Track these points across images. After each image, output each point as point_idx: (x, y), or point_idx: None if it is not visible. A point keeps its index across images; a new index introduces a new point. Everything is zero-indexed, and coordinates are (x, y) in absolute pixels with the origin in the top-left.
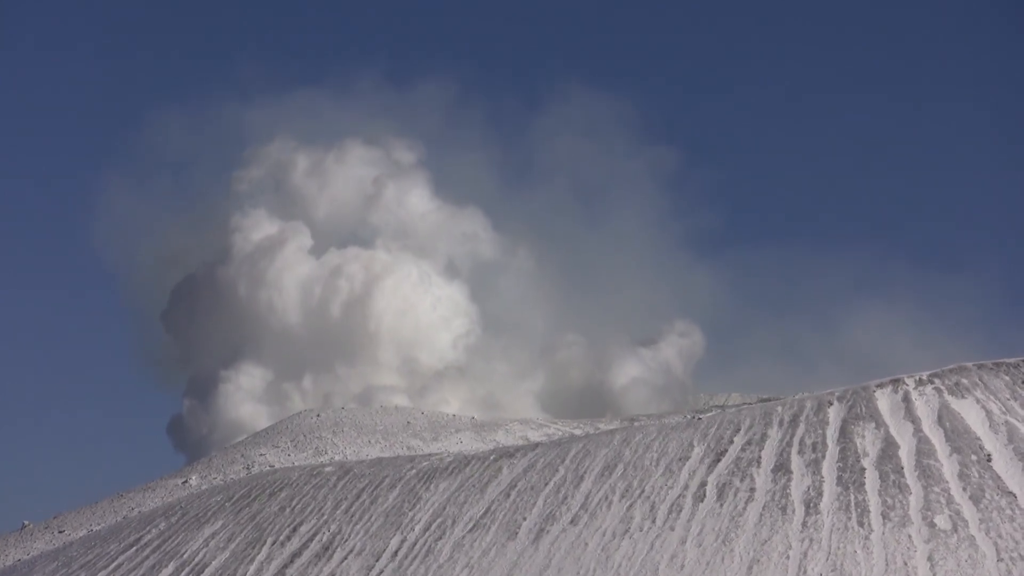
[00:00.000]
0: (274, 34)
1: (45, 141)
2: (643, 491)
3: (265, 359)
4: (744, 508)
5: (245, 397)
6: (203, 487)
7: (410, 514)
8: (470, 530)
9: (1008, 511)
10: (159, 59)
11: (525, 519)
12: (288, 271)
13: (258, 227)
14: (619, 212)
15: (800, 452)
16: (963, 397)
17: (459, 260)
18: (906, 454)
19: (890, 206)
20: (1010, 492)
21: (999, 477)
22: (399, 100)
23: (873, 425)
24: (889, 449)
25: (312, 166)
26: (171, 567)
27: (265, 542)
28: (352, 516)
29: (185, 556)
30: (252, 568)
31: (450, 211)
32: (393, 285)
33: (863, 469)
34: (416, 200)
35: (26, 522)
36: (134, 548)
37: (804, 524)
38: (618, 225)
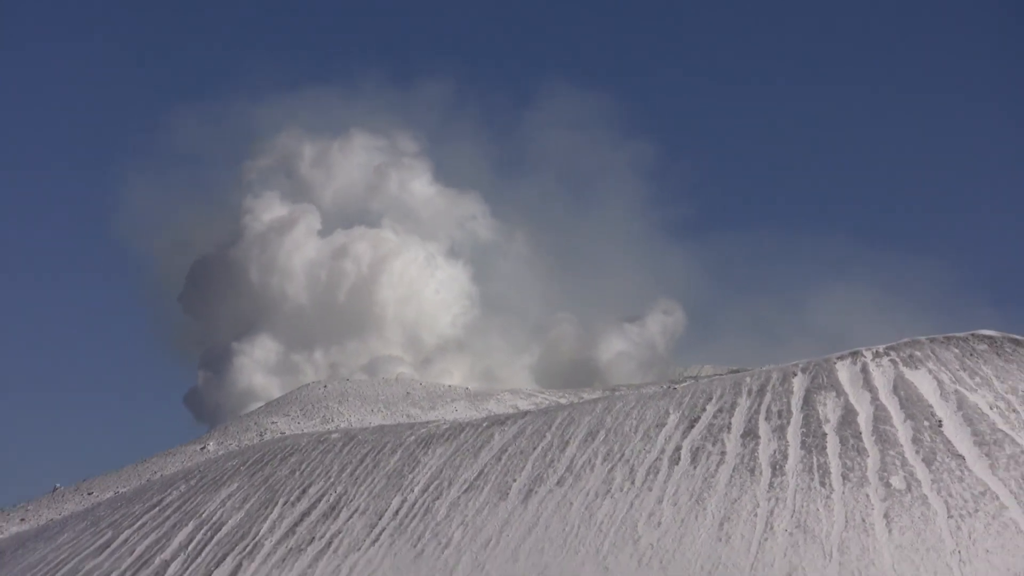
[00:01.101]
0: (282, 35)
1: (70, 137)
2: (623, 455)
3: (276, 333)
4: (716, 470)
5: (258, 369)
6: (220, 453)
7: (409, 476)
8: (465, 491)
9: (957, 472)
10: (175, 60)
11: (515, 481)
12: (298, 251)
13: (269, 209)
14: (605, 201)
15: (767, 419)
16: (916, 368)
17: (460, 243)
18: (864, 420)
19: (850, 197)
20: (959, 455)
21: (949, 441)
22: (401, 96)
23: (834, 394)
24: (848, 416)
25: (319, 155)
26: (191, 526)
27: (277, 502)
28: (356, 479)
29: (203, 515)
30: (265, 527)
31: (451, 196)
32: (401, 266)
33: (825, 434)
34: (418, 185)
35: (57, 485)
36: (157, 508)
37: (771, 485)
38: (604, 213)
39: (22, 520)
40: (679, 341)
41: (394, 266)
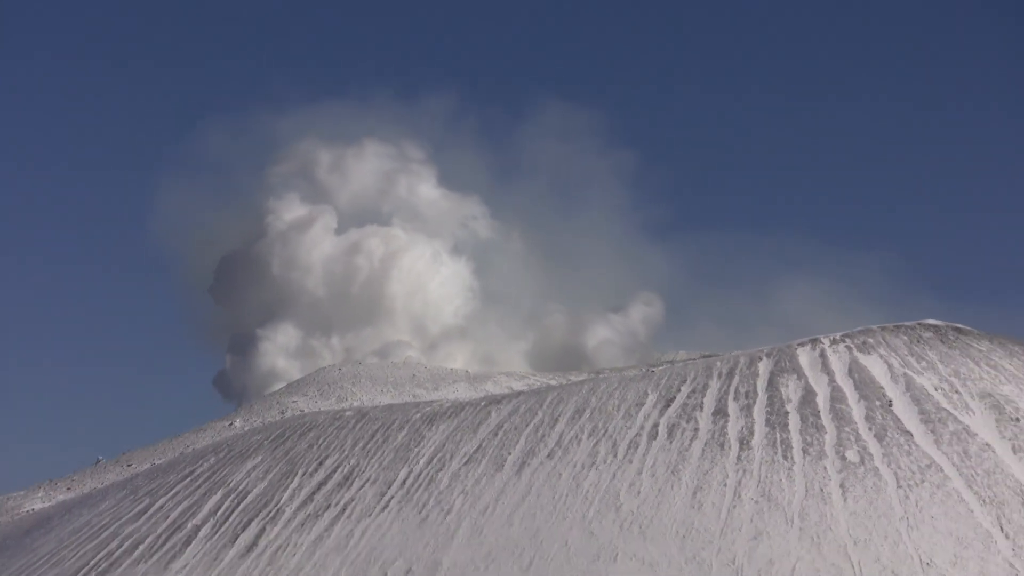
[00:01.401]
0: (302, 55)
1: (112, 145)
2: (606, 431)
3: (297, 321)
4: (689, 445)
5: (280, 353)
6: (245, 429)
7: (415, 450)
8: (465, 463)
9: (906, 447)
10: (205, 76)
11: (510, 454)
12: (316, 247)
13: (290, 210)
14: (591, 204)
15: (735, 399)
16: (869, 353)
17: (462, 241)
18: (822, 400)
19: (811, 199)
20: (907, 431)
21: (898, 419)
22: (408, 110)
23: (795, 376)
24: (808, 396)
25: (335, 161)
26: (219, 494)
27: (296, 473)
28: (368, 452)
29: (231, 485)
30: (286, 495)
31: (454, 198)
32: (409, 261)
33: (787, 412)
34: (424, 189)
35: (100, 458)
36: (188, 478)
37: (739, 458)
38: (590, 215)
39: (68, 489)
40: (658, 329)
41: (403, 261)
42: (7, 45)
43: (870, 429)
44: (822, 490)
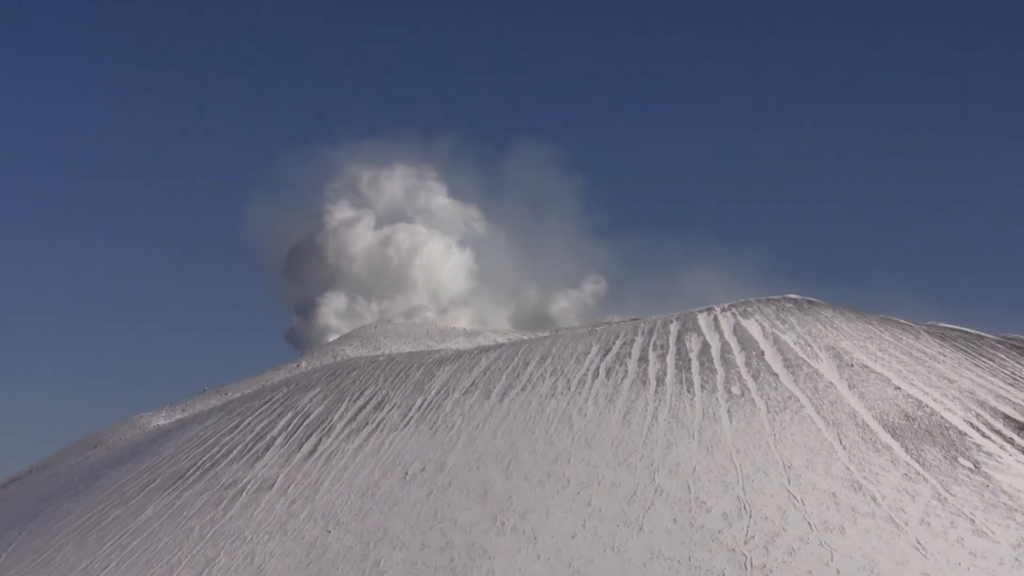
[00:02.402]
0: (352, 106)
1: (217, 168)
2: (563, 372)
3: (345, 292)
4: (621, 382)
5: (332, 315)
6: (308, 368)
7: (428, 384)
8: (463, 394)
9: (773, 384)
10: (281, 115)
11: (494, 387)
12: (359, 239)
13: (341, 212)
14: (555, 213)
15: (654, 349)
16: (748, 318)
17: (465, 237)
18: (715, 351)
19: (707, 208)
20: (774, 373)
21: (768, 364)
22: (425, 144)
23: (696, 334)
24: (705, 348)
25: (373, 179)
26: (289, 415)
27: (344, 400)
28: (395, 385)
29: (298, 408)
30: (336, 415)
31: (459, 207)
32: (427, 251)
33: (690, 359)
34: (438, 199)
35: (205, 388)
36: (268, 403)
37: (656, 391)
38: (555, 221)
39: (183, 410)
40: (601, 301)
41: (423, 251)
42: (137, 89)
43: (748, 371)
44: (714, 414)
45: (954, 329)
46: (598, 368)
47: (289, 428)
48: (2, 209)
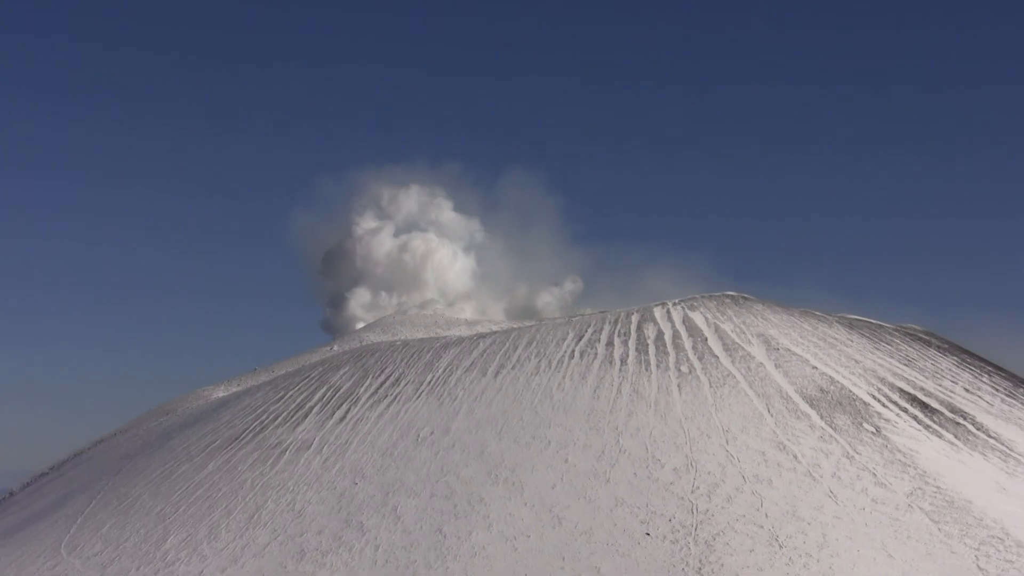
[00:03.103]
0: (376, 138)
1: (269, 188)
2: (545, 354)
3: (370, 288)
4: (592, 362)
5: (359, 307)
6: (339, 351)
7: (435, 364)
8: (464, 372)
9: (714, 364)
10: (320, 147)
11: (489, 366)
12: (381, 246)
13: (366, 223)
14: (540, 226)
15: (619, 335)
16: (695, 311)
17: (469, 244)
18: (668, 338)
19: (662, 220)
20: (716, 355)
21: (710, 348)
22: (436, 170)
23: (653, 324)
24: (660, 335)
25: (393, 196)
26: (324, 388)
27: (368, 376)
28: (409, 365)
29: (330, 383)
30: (361, 389)
31: (463, 220)
32: (438, 256)
33: (648, 344)
34: (446, 213)
35: (256, 367)
36: (306, 379)
37: (620, 370)
38: (540, 232)
39: (238, 384)
40: (578, 297)
41: (435, 256)
42: (215, 131)
43: (694, 354)
44: (667, 389)
45: (860, 320)
46: (573, 351)
47: (323, 399)
48: (117, 233)
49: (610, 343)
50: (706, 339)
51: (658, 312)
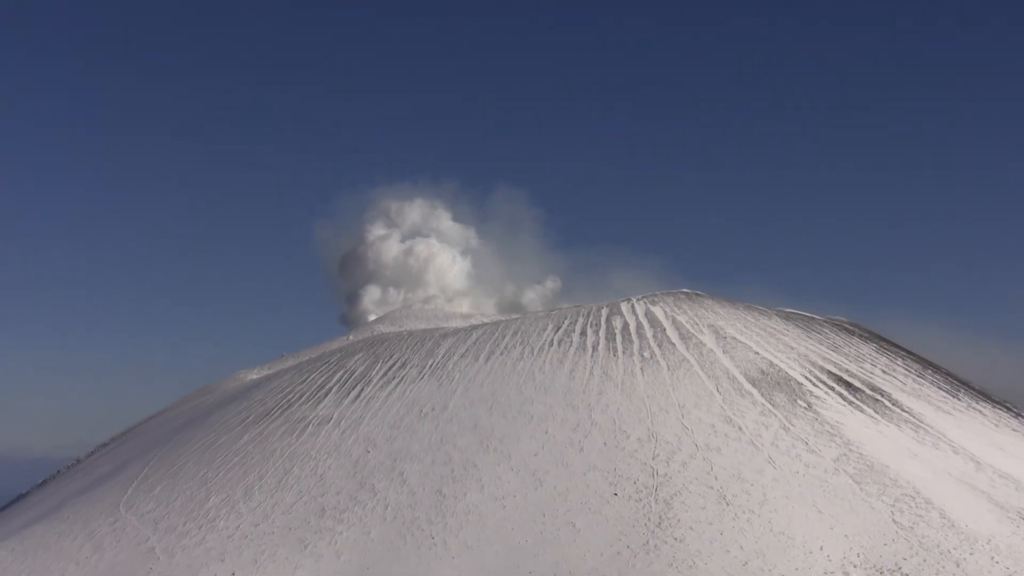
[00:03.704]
0: (386, 160)
1: (297, 202)
2: (528, 342)
3: (379, 285)
4: (568, 349)
5: (371, 303)
6: (354, 340)
7: (436, 351)
8: (460, 357)
9: (671, 350)
10: (339, 169)
11: (482, 352)
12: (389, 250)
13: (377, 231)
14: (524, 233)
15: (590, 326)
16: (655, 305)
17: (466, 249)
18: (632, 328)
19: (629, 228)
20: (672, 343)
21: (668, 337)
22: (436, 186)
23: (620, 316)
24: (625, 326)
25: (399, 208)
26: (341, 371)
27: (379, 361)
28: (413, 351)
29: (346, 367)
30: (373, 372)
31: (461, 228)
32: (439, 260)
33: (615, 334)
34: (445, 222)
35: (283, 353)
36: (326, 364)
37: (592, 355)
38: (524, 239)
39: (269, 369)
40: (557, 294)
41: (436, 259)
42: (261, 156)
43: (655, 342)
44: (632, 371)
45: (795, 313)
46: (552, 340)
47: (341, 381)
48: (177, 242)
49: (583, 333)
50: (664, 329)
51: (624, 307)
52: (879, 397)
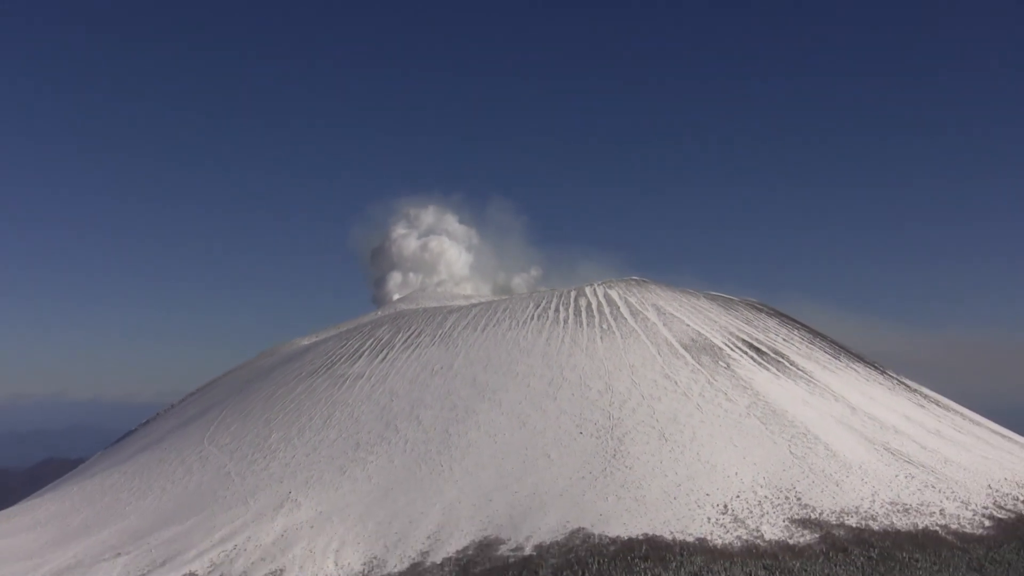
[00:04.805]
0: (407, 178)
1: (339, 211)
2: (515, 316)
3: (402, 272)
4: (547, 324)
5: (394, 286)
6: (381, 315)
7: (444, 323)
8: (462, 328)
9: (624, 323)
10: (373, 183)
11: (479, 325)
12: (410, 245)
13: (400, 230)
14: (514, 235)
15: (563, 305)
16: (612, 289)
17: (470, 246)
18: (595, 306)
19: (598, 230)
20: (624, 318)
21: (622, 314)
22: (444, 197)
23: (585, 297)
24: (589, 306)
25: (416, 214)
26: (371, 339)
27: (400, 332)
28: (428, 323)
29: (374, 336)
30: (396, 339)
31: (464, 229)
32: (449, 253)
33: (582, 311)
34: (453, 225)
35: (327, 326)
36: (360, 333)
37: (563, 327)
38: (513, 238)
39: (316, 336)
40: (538, 280)
41: (446, 253)
42: (308, 173)
43: (612, 318)
44: (594, 340)
45: (718, 295)
46: (533, 315)
47: (371, 346)
48: (257, 242)
49: (557, 310)
50: (619, 307)
51: (588, 290)
52: (780, 359)
